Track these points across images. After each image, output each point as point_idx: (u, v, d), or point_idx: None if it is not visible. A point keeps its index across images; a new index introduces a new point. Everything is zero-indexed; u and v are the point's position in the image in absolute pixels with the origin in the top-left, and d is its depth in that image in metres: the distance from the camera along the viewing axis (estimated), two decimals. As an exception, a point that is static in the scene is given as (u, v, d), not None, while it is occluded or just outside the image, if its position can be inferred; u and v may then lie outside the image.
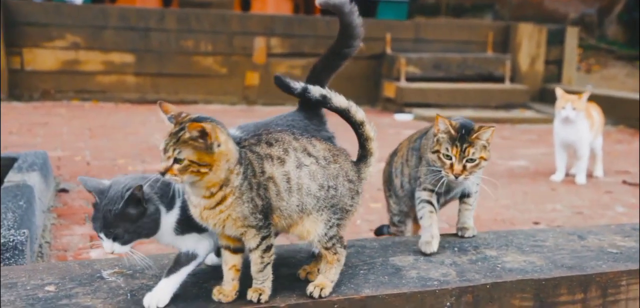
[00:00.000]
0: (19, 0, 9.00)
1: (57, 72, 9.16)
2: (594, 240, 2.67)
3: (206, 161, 1.80)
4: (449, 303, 2.15)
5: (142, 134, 7.03)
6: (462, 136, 2.35)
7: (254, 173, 1.88)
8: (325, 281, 2.04)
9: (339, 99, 2.16)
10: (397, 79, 9.77)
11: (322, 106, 2.24)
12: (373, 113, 9.36)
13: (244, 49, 9.74)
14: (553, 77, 10.93)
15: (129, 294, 2.01)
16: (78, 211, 4.09)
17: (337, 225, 2.02)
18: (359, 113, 2.16)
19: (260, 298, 1.95)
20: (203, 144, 1.79)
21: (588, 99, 5.43)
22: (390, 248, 2.49)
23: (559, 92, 5.45)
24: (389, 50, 10.14)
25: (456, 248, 2.51)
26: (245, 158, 1.89)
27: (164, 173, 1.79)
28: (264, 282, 1.96)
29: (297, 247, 2.49)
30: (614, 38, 14.15)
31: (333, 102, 2.16)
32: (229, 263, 1.97)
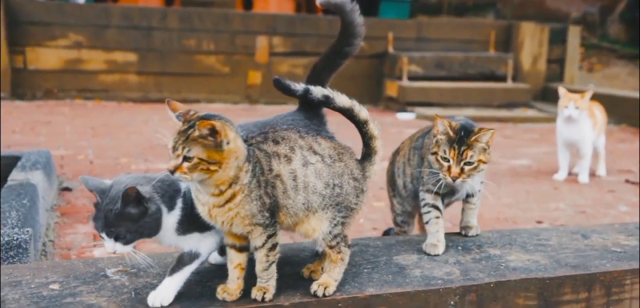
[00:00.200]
0: (21, -1, 9.04)
1: (59, 71, 9.17)
2: (597, 239, 2.67)
3: (216, 159, 1.79)
4: (453, 302, 2.15)
5: (144, 132, 7.04)
6: (461, 138, 2.33)
7: (262, 171, 1.88)
8: (329, 280, 2.04)
9: (341, 99, 2.16)
10: (400, 77, 9.77)
11: (325, 106, 2.24)
12: (375, 112, 9.36)
13: (246, 48, 9.74)
14: (555, 76, 10.92)
15: (133, 293, 2.02)
16: (81, 210, 4.09)
17: (342, 224, 2.02)
18: (362, 112, 2.16)
19: (265, 297, 1.95)
20: (212, 141, 1.79)
21: (590, 98, 5.42)
22: (394, 247, 2.49)
23: (561, 91, 5.45)
24: (391, 49, 10.14)
25: (460, 247, 2.51)
26: (253, 156, 1.89)
27: (173, 172, 1.79)
28: (268, 281, 1.96)
29: (301, 246, 2.49)
30: (616, 37, 14.13)
31: (336, 102, 2.16)
32: (234, 262, 1.97)
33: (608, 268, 2.34)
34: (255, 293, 1.95)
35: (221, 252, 2.21)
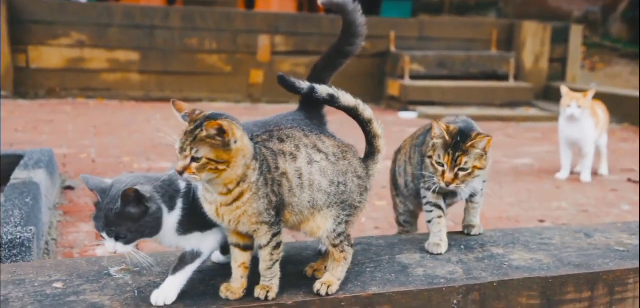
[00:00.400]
0: (24, -2, 9.04)
1: (62, 70, 9.18)
2: (600, 238, 2.67)
3: (224, 158, 1.79)
4: (456, 301, 2.15)
5: (147, 131, 7.04)
6: (457, 143, 2.31)
7: (269, 169, 1.89)
8: (332, 279, 2.04)
9: (346, 98, 2.16)
10: (402, 77, 9.76)
11: (330, 105, 2.24)
12: (377, 111, 9.36)
13: (248, 47, 9.74)
14: (557, 75, 10.91)
15: (136, 291, 2.02)
16: (84, 208, 4.10)
17: (346, 222, 2.02)
18: (366, 111, 2.17)
19: (268, 296, 1.95)
20: (220, 141, 1.79)
21: (593, 97, 5.42)
22: (396, 246, 2.49)
23: (564, 90, 5.44)
24: (393, 48, 10.13)
25: (463, 246, 2.51)
26: (260, 154, 1.89)
27: (182, 173, 1.78)
28: (272, 280, 1.97)
29: (304, 245, 2.49)
30: (618, 36, 14.11)
31: (341, 101, 2.16)
32: (238, 261, 1.98)
33: (611, 268, 2.34)
34: (259, 292, 1.95)
35: (223, 251, 2.21)
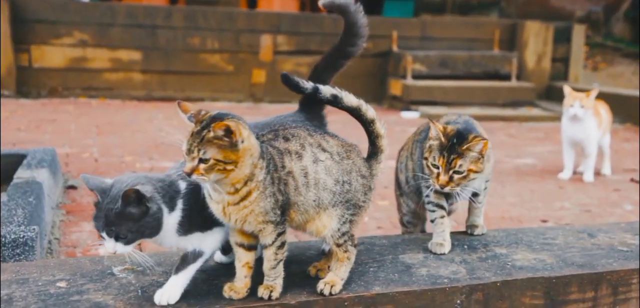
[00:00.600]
0: (26, -2, 9.06)
1: (64, 69, 9.19)
2: (604, 238, 2.66)
3: (231, 158, 1.79)
4: (459, 301, 2.14)
5: (149, 131, 7.05)
6: (452, 146, 2.29)
7: (275, 168, 1.89)
8: (336, 278, 2.04)
9: (349, 98, 2.16)
10: (404, 76, 9.76)
11: (333, 106, 2.23)
12: (379, 111, 9.32)
13: (251, 47, 9.74)
14: (560, 74, 10.90)
15: (139, 290, 2.02)
16: (86, 208, 4.10)
17: (350, 222, 2.02)
18: (369, 111, 2.17)
19: (271, 295, 1.95)
20: (228, 142, 1.78)
21: (595, 96, 5.41)
22: (399, 246, 2.49)
23: (567, 90, 5.44)
24: (395, 48, 10.13)
25: (466, 246, 2.50)
26: (266, 152, 1.89)
27: (190, 174, 1.78)
28: (275, 279, 1.97)
29: (308, 245, 2.49)
30: (620, 36, 14.10)
31: (344, 101, 2.15)
32: (242, 261, 1.98)
33: (615, 268, 2.34)
34: (262, 292, 1.95)
35: (224, 251, 2.21)
